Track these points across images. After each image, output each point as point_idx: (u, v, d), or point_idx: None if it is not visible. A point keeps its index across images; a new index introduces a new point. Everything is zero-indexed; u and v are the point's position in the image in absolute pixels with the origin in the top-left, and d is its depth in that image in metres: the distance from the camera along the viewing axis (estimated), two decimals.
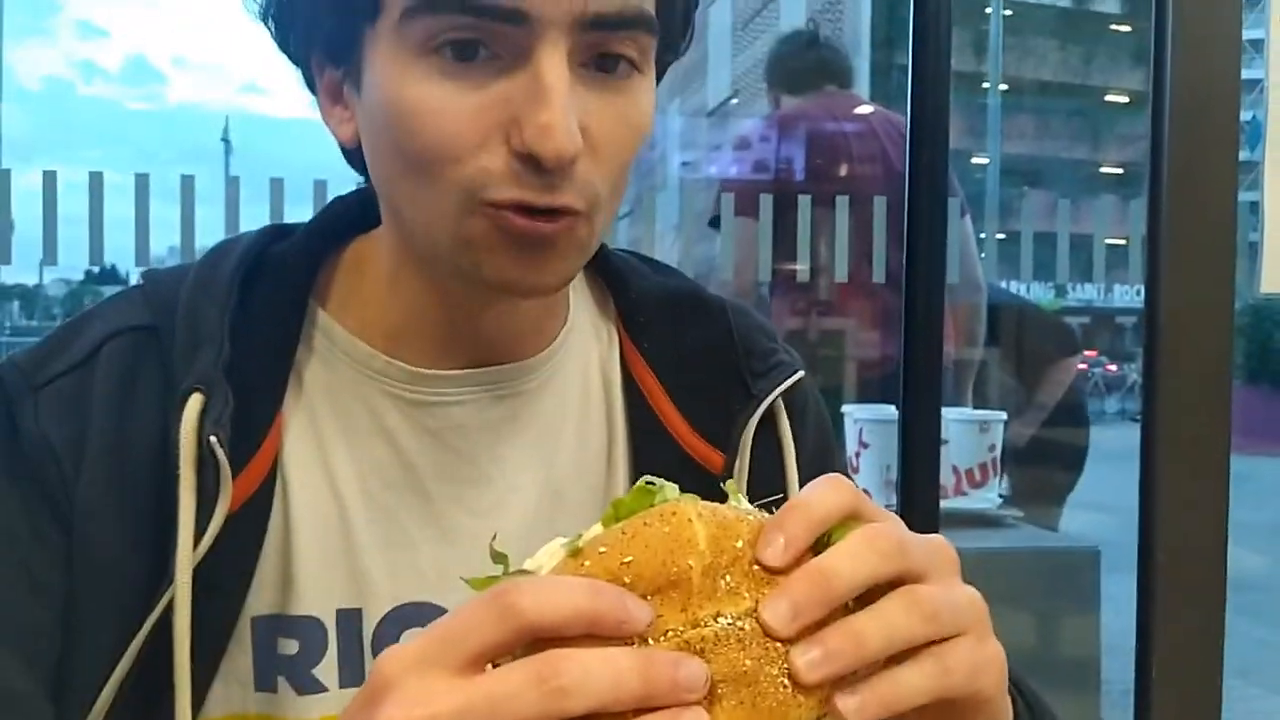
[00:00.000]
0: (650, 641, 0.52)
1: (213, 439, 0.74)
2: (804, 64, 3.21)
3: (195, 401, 0.75)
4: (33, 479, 0.77)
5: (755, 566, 0.54)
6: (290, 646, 0.80)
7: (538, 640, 0.51)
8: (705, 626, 0.52)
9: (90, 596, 0.76)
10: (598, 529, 0.57)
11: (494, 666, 0.51)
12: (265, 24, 0.81)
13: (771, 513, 0.59)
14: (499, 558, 0.57)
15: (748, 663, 0.52)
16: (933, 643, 0.56)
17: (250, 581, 0.79)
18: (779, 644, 0.53)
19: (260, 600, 0.79)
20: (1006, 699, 0.62)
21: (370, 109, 0.76)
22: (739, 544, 0.54)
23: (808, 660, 0.52)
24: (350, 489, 0.82)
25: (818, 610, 0.53)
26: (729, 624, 0.52)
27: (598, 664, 0.49)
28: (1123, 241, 3.32)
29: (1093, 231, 3.05)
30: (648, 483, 0.58)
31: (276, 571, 0.80)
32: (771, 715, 0.52)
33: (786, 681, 0.52)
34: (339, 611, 0.81)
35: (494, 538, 0.59)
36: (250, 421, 0.78)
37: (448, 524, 0.83)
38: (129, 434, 0.78)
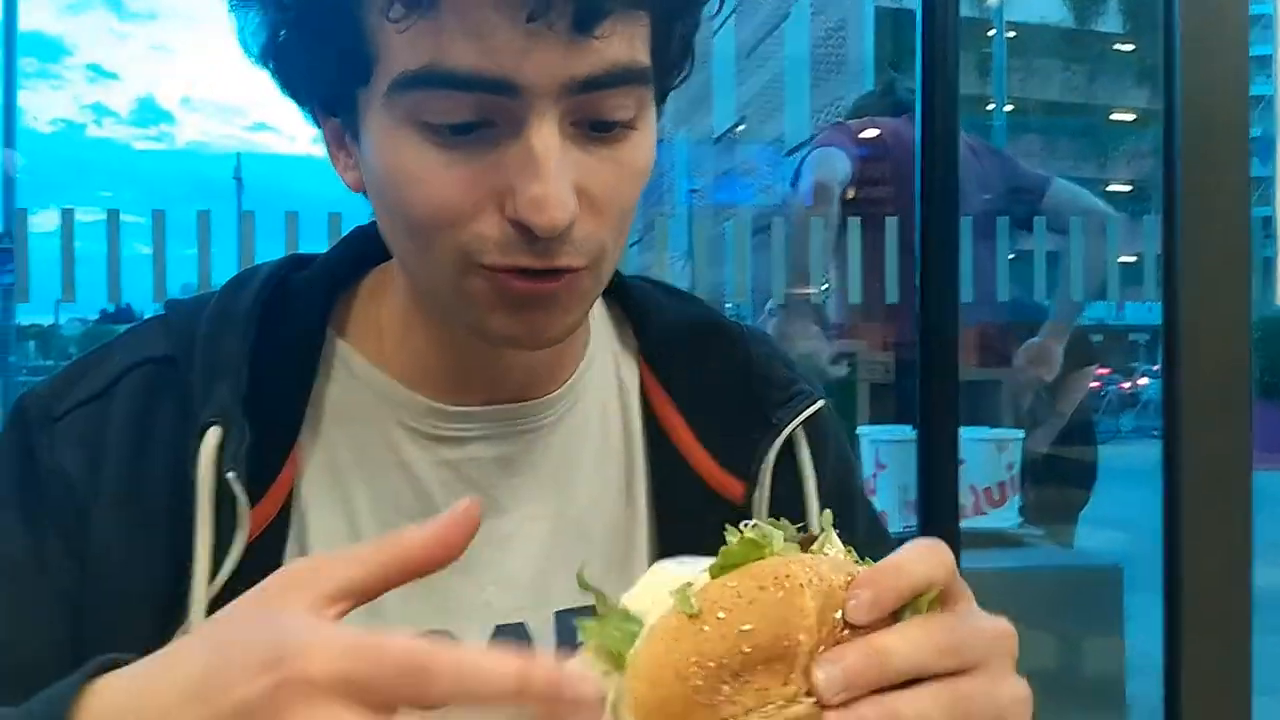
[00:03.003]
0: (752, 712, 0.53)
1: (230, 474, 0.74)
2: (883, 108, 3.30)
3: (213, 435, 0.76)
4: (47, 512, 0.77)
5: (845, 632, 0.55)
6: None
7: None
8: (799, 704, 0.53)
9: (106, 629, 0.76)
10: (704, 578, 0.56)
11: None
12: (265, 68, 0.80)
13: (812, 533, 0.60)
14: (586, 586, 0.58)
15: None
16: None
17: None
18: None
19: None
20: None
21: (368, 166, 0.77)
22: (838, 615, 0.55)
23: None
24: (366, 519, 0.82)
25: (865, 687, 0.54)
26: (814, 701, 0.53)
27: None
28: (1134, 259, 3.32)
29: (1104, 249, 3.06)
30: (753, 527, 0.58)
31: None
32: None
33: None
34: None
35: (581, 567, 0.59)
36: (268, 453, 0.78)
37: (465, 554, 0.83)
38: (146, 467, 0.78)
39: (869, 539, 0.95)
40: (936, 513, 1.55)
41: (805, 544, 0.59)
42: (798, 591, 0.54)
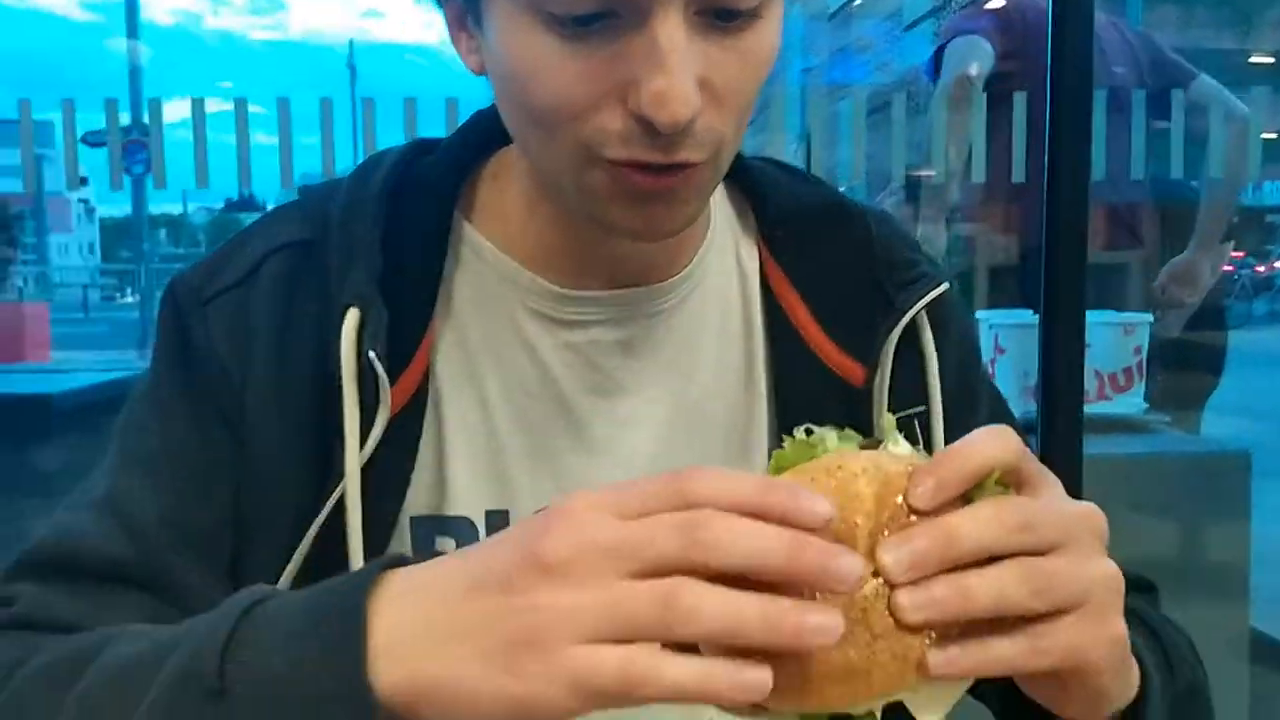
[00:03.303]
0: (818, 599, 0.54)
1: (371, 354, 0.77)
2: None
3: (352, 317, 0.79)
4: (205, 391, 0.82)
5: (911, 517, 0.56)
6: (447, 545, 0.84)
7: None
8: (866, 584, 0.54)
9: (261, 501, 0.81)
10: None
11: None
12: None
13: (914, 426, 0.61)
14: None
15: (893, 619, 0.54)
16: (1042, 615, 0.57)
17: (408, 484, 0.83)
18: None
19: (418, 501, 0.84)
20: (1123, 673, 0.64)
21: (490, 53, 0.76)
22: (899, 499, 0.56)
23: (913, 600, 0.54)
24: (496, 399, 0.85)
25: (933, 566, 0.54)
26: (882, 582, 0.54)
27: (743, 529, 0.52)
28: (1275, 136, 3.15)
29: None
30: (807, 432, 0.59)
31: (431, 475, 0.84)
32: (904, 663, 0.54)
33: (929, 637, 0.54)
34: (488, 512, 0.84)
35: None
36: (404, 334, 0.81)
37: (587, 434, 0.86)
38: (291, 347, 0.82)
39: (993, 424, 0.94)
40: (1059, 399, 1.52)
41: (868, 447, 0.60)
42: (852, 479, 0.55)
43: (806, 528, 0.53)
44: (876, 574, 0.54)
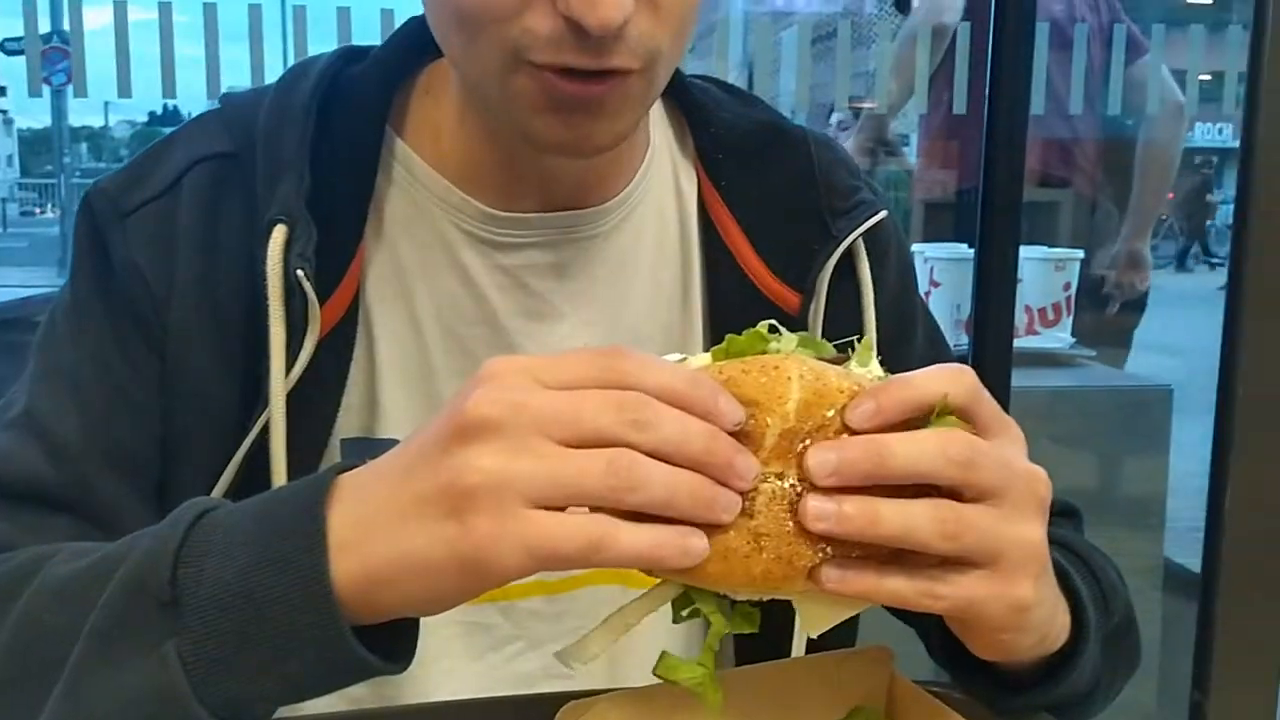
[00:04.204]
0: None
1: (299, 272, 0.75)
2: None
3: (279, 233, 0.76)
4: (126, 306, 0.79)
5: (842, 436, 0.55)
6: None
7: None
8: (765, 482, 0.55)
9: (186, 420, 0.79)
10: (706, 359, 0.59)
11: None
12: None
13: (849, 354, 0.60)
14: None
15: (790, 524, 0.54)
16: (952, 561, 0.57)
17: (338, 407, 0.81)
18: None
19: (349, 423, 0.82)
20: (1031, 633, 0.63)
21: None
22: (830, 413, 0.55)
23: (819, 509, 0.54)
24: (428, 321, 0.83)
25: (858, 478, 0.54)
26: (788, 486, 0.55)
27: (671, 415, 0.53)
28: (1209, 77, 3.17)
29: (1186, 67, 2.94)
30: (770, 329, 0.59)
31: (362, 397, 0.83)
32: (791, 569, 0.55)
33: (824, 552, 0.55)
34: None
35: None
36: (333, 252, 0.79)
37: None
38: (216, 262, 0.79)
39: (928, 354, 0.95)
40: (990, 332, 1.54)
41: (833, 362, 0.59)
42: (782, 381, 0.55)
43: (719, 426, 0.54)
44: (781, 476, 0.55)
